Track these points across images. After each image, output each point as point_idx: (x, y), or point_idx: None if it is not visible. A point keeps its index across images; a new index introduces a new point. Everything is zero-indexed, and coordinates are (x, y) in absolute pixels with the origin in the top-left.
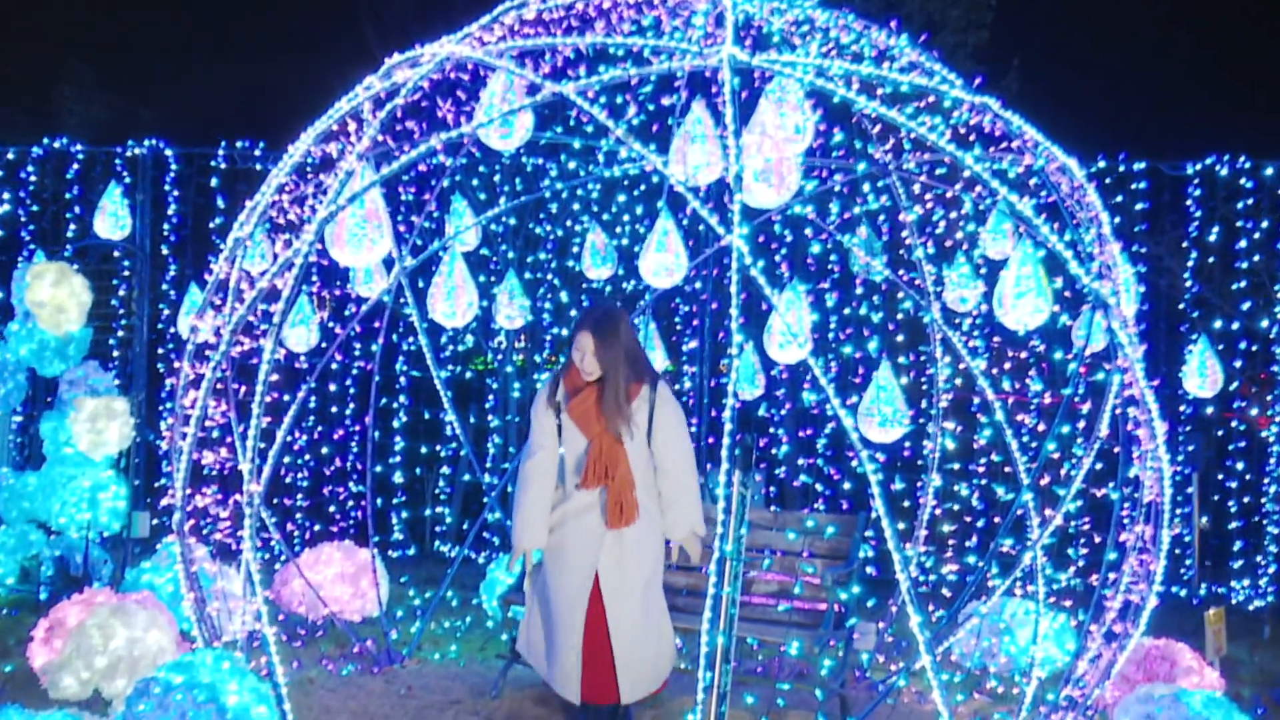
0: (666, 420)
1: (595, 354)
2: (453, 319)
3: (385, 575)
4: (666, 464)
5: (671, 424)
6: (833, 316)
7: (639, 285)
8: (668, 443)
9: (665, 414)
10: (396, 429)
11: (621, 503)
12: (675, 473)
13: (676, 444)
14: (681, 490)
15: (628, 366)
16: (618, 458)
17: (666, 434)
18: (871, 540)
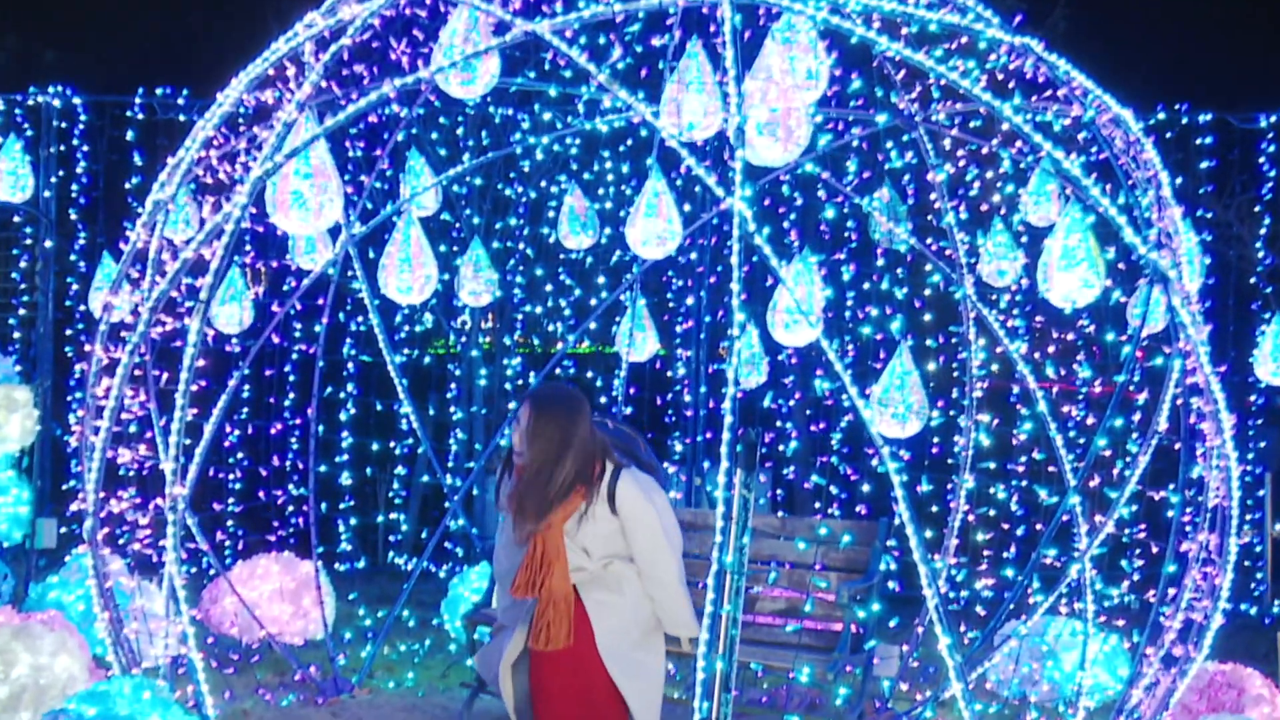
0: (637, 523)
1: (528, 431)
2: (409, 295)
3: (331, 591)
4: (649, 571)
5: (644, 527)
6: (849, 292)
7: (625, 256)
8: (645, 551)
9: (635, 515)
10: (344, 423)
11: (548, 623)
12: (663, 580)
13: (656, 551)
14: (673, 598)
15: (573, 461)
16: (553, 567)
17: (641, 540)
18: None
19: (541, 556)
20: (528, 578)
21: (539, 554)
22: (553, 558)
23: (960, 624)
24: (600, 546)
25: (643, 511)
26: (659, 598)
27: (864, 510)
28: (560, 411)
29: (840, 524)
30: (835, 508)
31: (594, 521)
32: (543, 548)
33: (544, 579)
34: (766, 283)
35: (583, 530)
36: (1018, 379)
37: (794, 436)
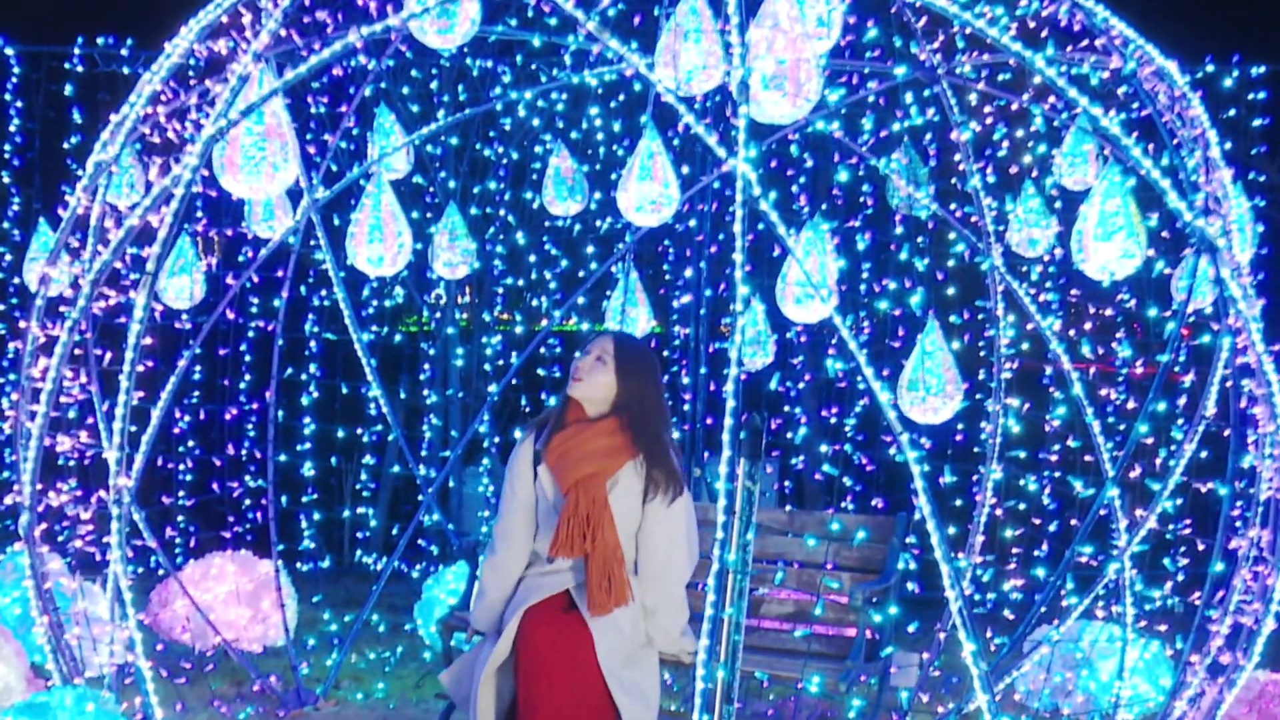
0: (664, 516)
1: (615, 369)
2: (379, 267)
3: (292, 594)
4: (657, 576)
5: (669, 523)
6: (865, 264)
7: (617, 223)
8: (658, 551)
9: (665, 507)
10: (306, 407)
11: (610, 576)
12: (669, 592)
13: (672, 553)
14: (674, 614)
15: (656, 410)
16: (602, 518)
17: (659, 538)
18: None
19: (587, 506)
20: (573, 530)
21: (579, 504)
22: (601, 508)
23: (986, 629)
24: (623, 528)
25: (678, 510)
26: (659, 610)
27: (880, 504)
28: (646, 356)
29: (854, 519)
30: (849, 501)
31: (621, 496)
32: (586, 497)
33: (594, 530)
34: (773, 253)
35: (611, 499)
36: (1051, 359)
37: (803, 422)
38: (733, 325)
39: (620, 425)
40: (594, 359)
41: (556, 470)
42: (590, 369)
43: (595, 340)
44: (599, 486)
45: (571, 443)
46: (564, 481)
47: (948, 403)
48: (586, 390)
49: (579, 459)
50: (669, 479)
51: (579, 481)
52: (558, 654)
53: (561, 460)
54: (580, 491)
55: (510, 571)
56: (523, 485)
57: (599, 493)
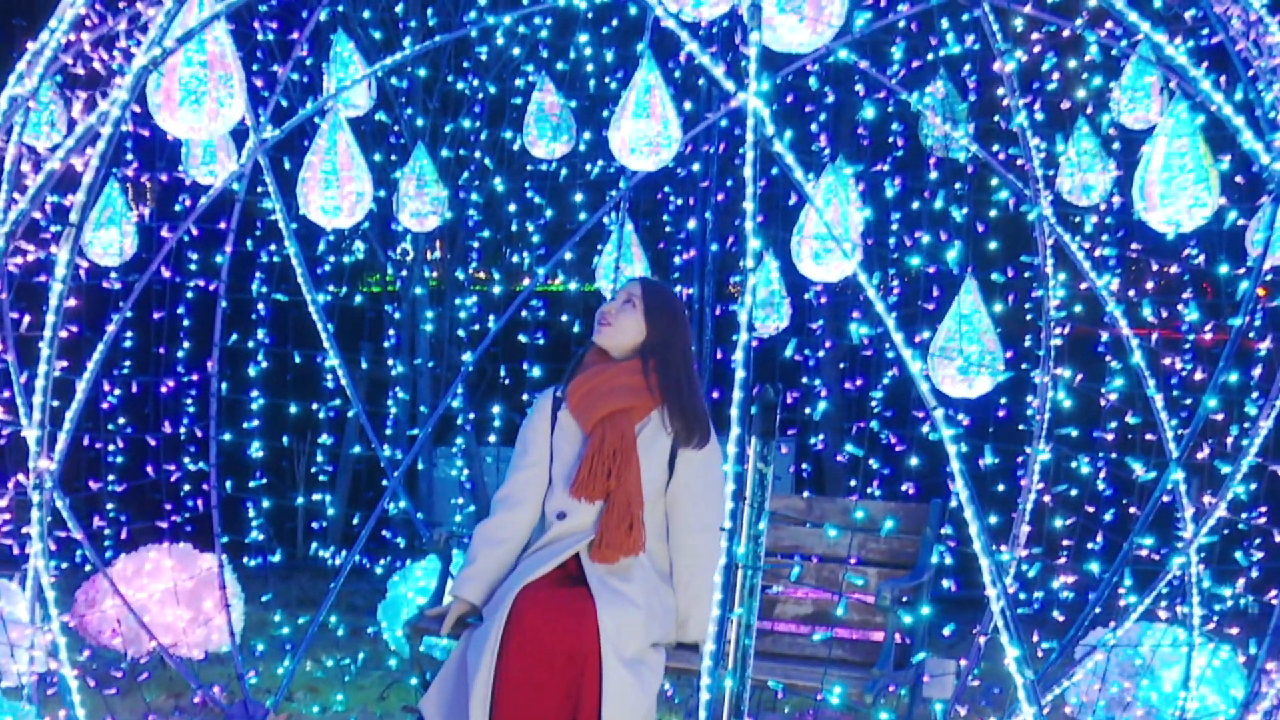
0: (701, 466)
1: (643, 312)
2: (335, 217)
3: (239, 592)
4: (694, 537)
5: (707, 472)
6: (894, 214)
7: (610, 167)
8: (696, 505)
9: (700, 457)
10: (253, 379)
11: (631, 520)
12: (706, 557)
13: (711, 510)
14: (704, 580)
15: (683, 354)
16: (630, 454)
17: (695, 490)
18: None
19: (619, 441)
20: (596, 467)
21: (605, 442)
22: (630, 444)
23: (1033, 632)
24: (649, 479)
25: (711, 455)
26: (696, 578)
27: (911, 489)
28: (675, 302)
29: (881, 506)
30: (875, 486)
31: (648, 444)
32: (611, 435)
33: (621, 466)
34: (789, 201)
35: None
36: (1107, 323)
37: (823, 396)
38: (742, 285)
39: (645, 367)
40: (622, 301)
41: (580, 410)
42: (619, 312)
43: (627, 285)
44: (627, 423)
45: (597, 379)
46: (589, 419)
47: (988, 373)
48: (615, 336)
49: (605, 393)
50: (699, 423)
51: (605, 418)
52: (553, 631)
53: (586, 398)
54: (607, 427)
55: (510, 539)
56: (537, 440)
57: (627, 429)
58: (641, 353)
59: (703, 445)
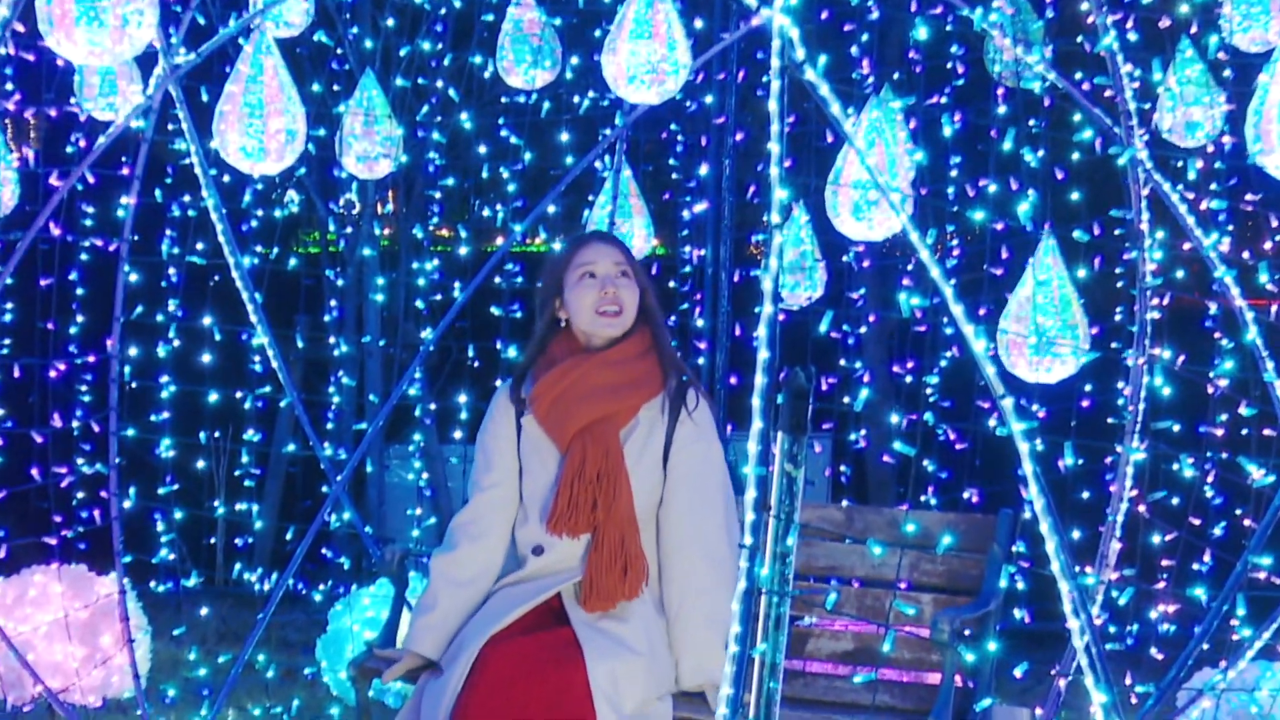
0: (700, 464)
1: (634, 276)
2: (261, 162)
3: (145, 625)
4: (686, 550)
5: (708, 471)
6: (954, 157)
7: (604, 100)
8: (695, 510)
9: (699, 454)
10: (163, 361)
11: (627, 560)
12: (720, 575)
13: (716, 516)
14: (723, 617)
15: (663, 331)
16: (618, 476)
17: (697, 490)
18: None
19: (603, 460)
20: (577, 496)
21: (585, 460)
22: (617, 462)
23: (1125, 674)
24: (643, 489)
25: (712, 450)
26: (688, 611)
27: (974, 497)
28: (640, 263)
29: (938, 518)
30: (930, 493)
31: (640, 448)
32: (593, 450)
33: (608, 493)
34: (824, 141)
35: (626, 453)
36: (1217, 292)
37: (865, 382)
38: (767, 245)
39: (644, 347)
40: (618, 274)
41: (551, 420)
42: (624, 289)
43: (588, 248)
44: (611, 435)
45: (570, 379)
46: (563, 433)
47: (1069, 354)
48: (626, 320)
49: (582, 398)
50: (688, 375)
51: (584, 430)
52: (529, 689)
53: (557, 406)
54: (587, 443)
55: (477, 578)
56: (499, 452)
57: (612, 443)
58: (635, 327)
59: (697, 404)
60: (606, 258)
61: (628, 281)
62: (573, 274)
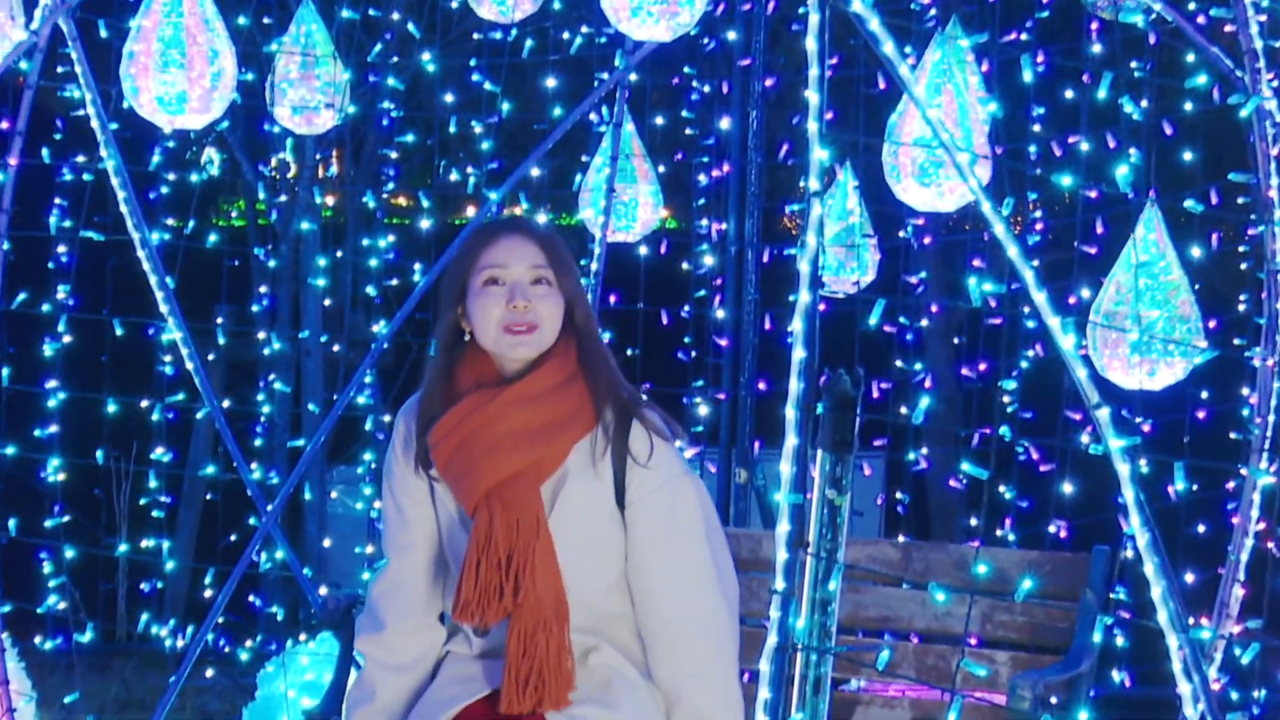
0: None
1: (557, 280)
2: (179, 114)
3: (29, 691)
4: (670, 628)
5: (679, 520)
6: (1036, 108)
7: (600, 37)
8: (672, 573)
9: (660, 502)
10: (49, 362)
11: (541, 669)
12: (702, 648)
13: (694, 574)
14: (709, 687)
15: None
16: (531, 551)
17: (666, 551)
18: (1121, 608)
19: (512, 532)
20: (484, 577)
21: (493, 530)
22: (531, 533)
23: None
24: (579, 565)
25: (680, 493)
26: (700, 699)
27: (1062, 531)
28: (566, 252)
29: (1017, 556)
30: (1007, 526)
31: (578, 502)
32: (511, 516)
33: (520, 573)
34: (878, 86)
35: (557, 513)
36: None
37: (927, 388)
38: (804, 218)
39: (568, 372)
40: (530, 280)
41: (451, 477)
42: (539, 299)
43: (496, 246)
44: (527, 498)
45: (473, 423)
46: (467, 495)
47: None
48: (544, 337)
49: (489, 449)
50: (636, 405)
51: (493, 491)
52: None
53: (458, 457)
54: (495, 510)
55: (419, 660)
56: (410, 503)
57: (526, 510)
58: (558, 345)
59: (649, 445)
60: (520, 259)
61: (547, 291)
62: (476, 278)
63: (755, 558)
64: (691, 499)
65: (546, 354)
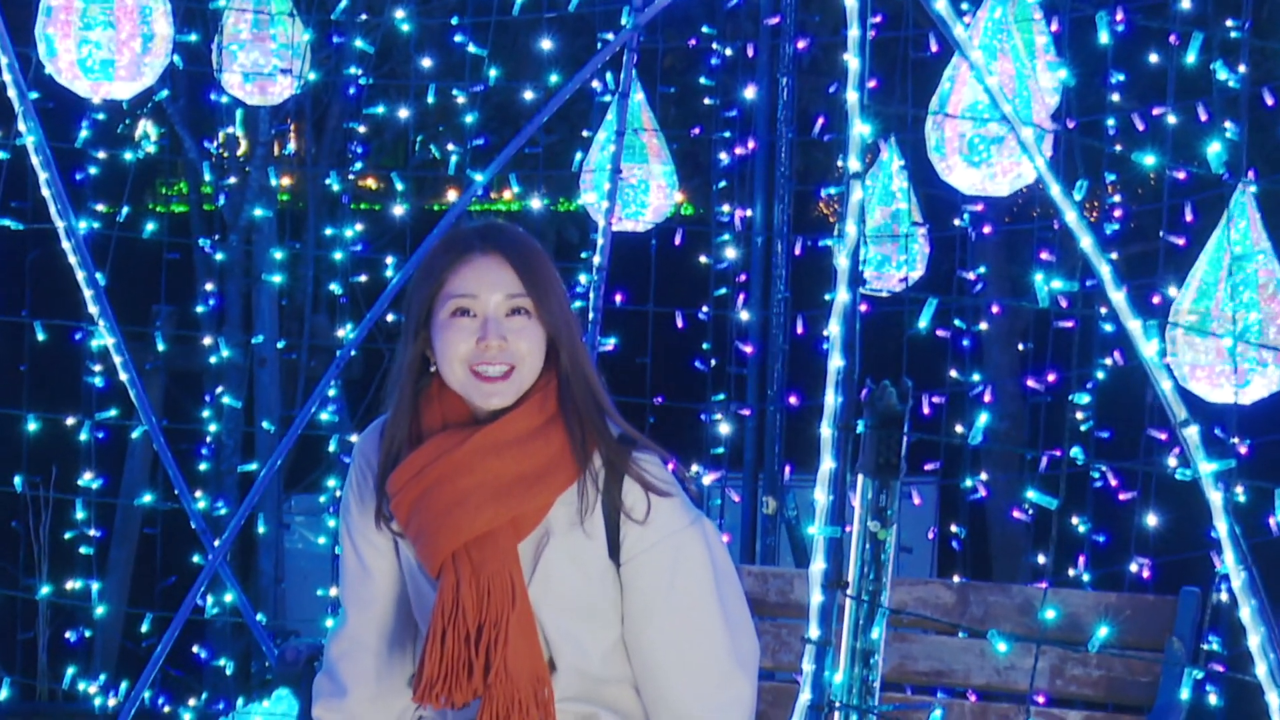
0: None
1: (536, 309)
2: (108, 81)
3: None
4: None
5: (684, 586)
6: (1113, 74)
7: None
8: (678, 642)
9: (662, 560)
10: None
11: None
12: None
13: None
14: None
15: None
16: (505, 621)
17: (671, 615)
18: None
19: (482, 600)
20: (450, 652)
21: (470, 598)
22: (505, 600)
23: None
24: (568, 632)
25: (684, 547)
26: None
27: (1144, 570)
28: (541, 249)
29: (1092, 600)
30: (1080, 563)
31: (563, 561)
32: (483, 582)
33: (491, 648)
34: (929, 49)
35: (540, 575)
36: None
37: (986, 402)
38: (843, 202)
39: (549, 413)
40: (506, 311)
41: (413, 532)
42: (515, 334)
43: (466, 269)
44: (502, 560)
45: (437, 472)
46: (430, 554)
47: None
48: (521, 381)
49: (456, 502)
50: (629, 450)
51: (462, 552)
52: None
53: (420, 511)
54: (463, 575)
55: None
56: (371, 552)
57: (500, 569)
58: (539, 381)
59: (645, 499)
60: (493, 286)
61: (525, 324)
62: (442, 307)
63: (785, 601)
64: (698, 553)
65: (526, 391)
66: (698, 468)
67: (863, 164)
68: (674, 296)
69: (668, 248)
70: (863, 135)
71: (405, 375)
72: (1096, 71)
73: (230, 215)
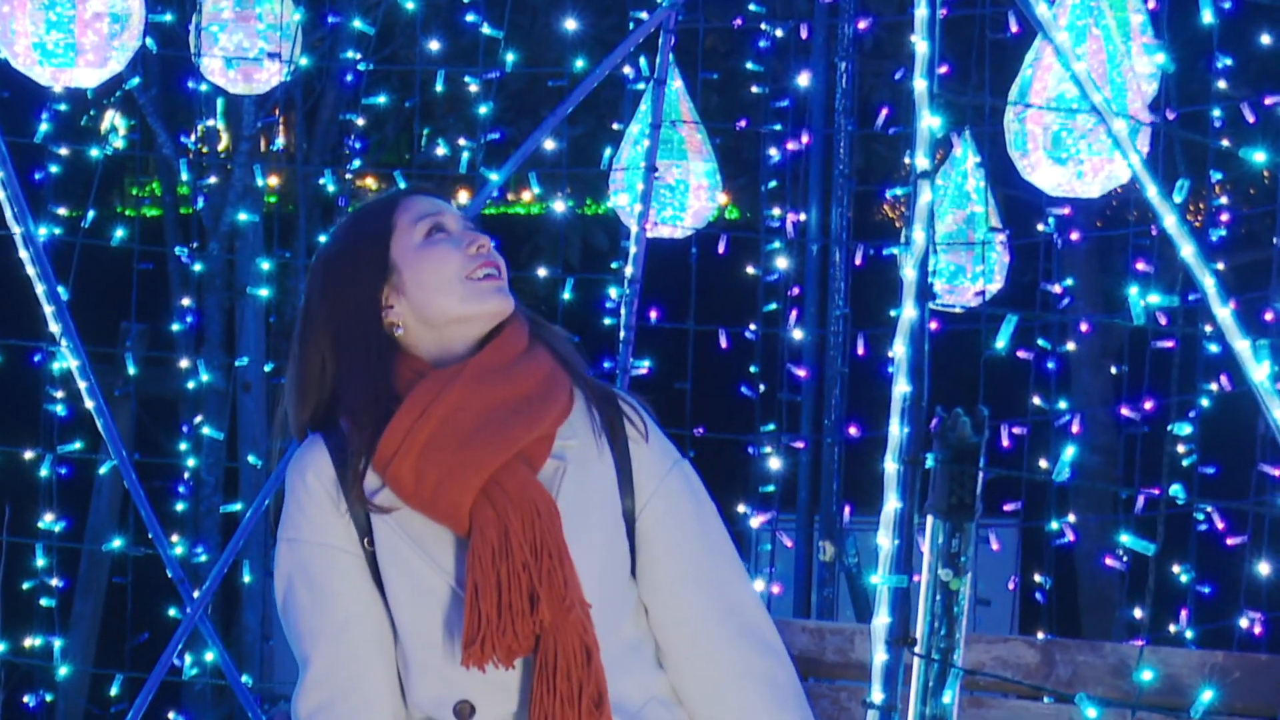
0: (688, 500)
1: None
2: (70, 65)
3: None
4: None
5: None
6: (1219, 59)
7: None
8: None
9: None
10: None
11: (598, 685)
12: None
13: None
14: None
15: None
16: (560, 548)
17: (696, 541)
18: None
19: (532, 523)
20: (505, 598)
21: (519, 524)
22: (554, 533)
23: None
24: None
25: (692, 474)
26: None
27: (1256, 626)
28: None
29: (1195, 659)
30: (1182, 618)
31: (586, 498)
32: (526, 503)
33: (550, 575)
34: (1009, 30)
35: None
36: None
37: (1075, 433)
38: (909, 206)
39: (527, 337)
40: (461, 223)
41: (426, 489)
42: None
43: (416, 199)
44: (532, 481)
45: (440, 411)
46: (454, 503)
47: None
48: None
49: (471, 434)
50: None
51: (490, 486)
52: None
53: (431, 460)
54: (500, 502)
55: None
56: (337, 573)
57: (539, 492)
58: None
59: (637, 409)
60: (447, 211)
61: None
62: (409, 234)
63: (845, 660)
64: (698, 482)
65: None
66: (744, 508)
67: (932, 161)
68: (717, 313)
69: (710, 257)
70: (932, 128)
71: (364, 361)
72: (1200, 55)
73: (210, 220)
